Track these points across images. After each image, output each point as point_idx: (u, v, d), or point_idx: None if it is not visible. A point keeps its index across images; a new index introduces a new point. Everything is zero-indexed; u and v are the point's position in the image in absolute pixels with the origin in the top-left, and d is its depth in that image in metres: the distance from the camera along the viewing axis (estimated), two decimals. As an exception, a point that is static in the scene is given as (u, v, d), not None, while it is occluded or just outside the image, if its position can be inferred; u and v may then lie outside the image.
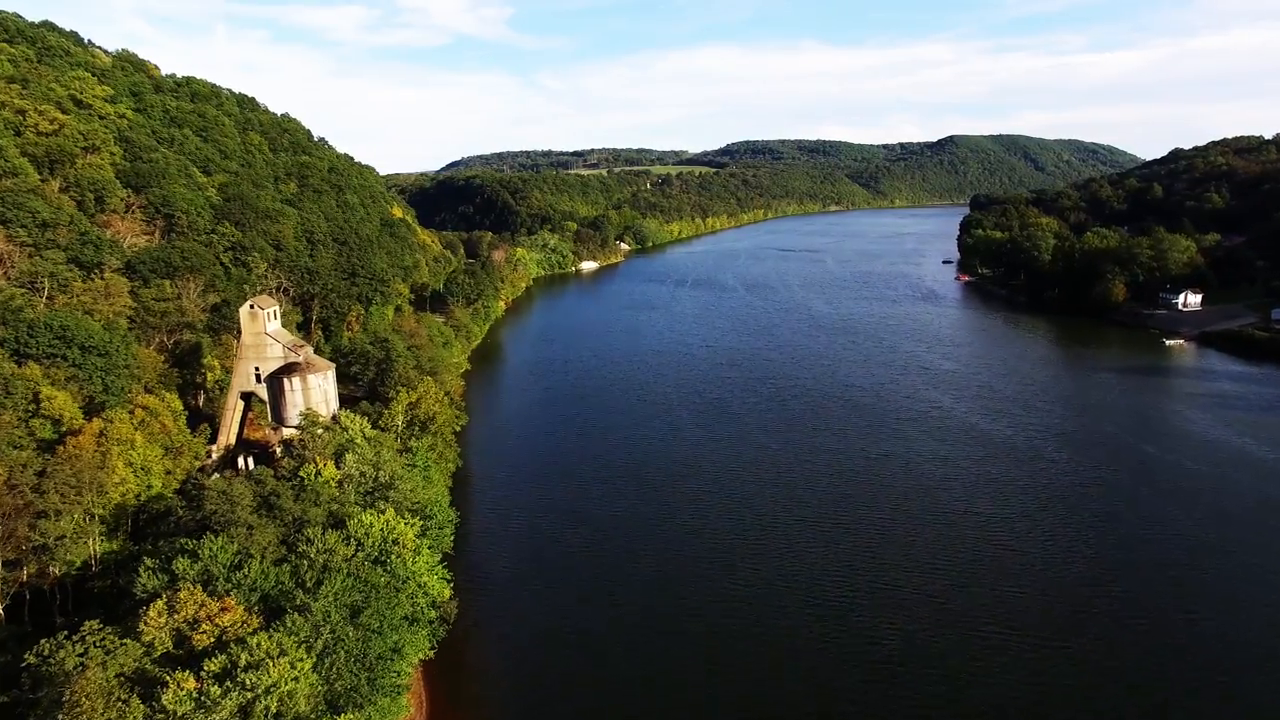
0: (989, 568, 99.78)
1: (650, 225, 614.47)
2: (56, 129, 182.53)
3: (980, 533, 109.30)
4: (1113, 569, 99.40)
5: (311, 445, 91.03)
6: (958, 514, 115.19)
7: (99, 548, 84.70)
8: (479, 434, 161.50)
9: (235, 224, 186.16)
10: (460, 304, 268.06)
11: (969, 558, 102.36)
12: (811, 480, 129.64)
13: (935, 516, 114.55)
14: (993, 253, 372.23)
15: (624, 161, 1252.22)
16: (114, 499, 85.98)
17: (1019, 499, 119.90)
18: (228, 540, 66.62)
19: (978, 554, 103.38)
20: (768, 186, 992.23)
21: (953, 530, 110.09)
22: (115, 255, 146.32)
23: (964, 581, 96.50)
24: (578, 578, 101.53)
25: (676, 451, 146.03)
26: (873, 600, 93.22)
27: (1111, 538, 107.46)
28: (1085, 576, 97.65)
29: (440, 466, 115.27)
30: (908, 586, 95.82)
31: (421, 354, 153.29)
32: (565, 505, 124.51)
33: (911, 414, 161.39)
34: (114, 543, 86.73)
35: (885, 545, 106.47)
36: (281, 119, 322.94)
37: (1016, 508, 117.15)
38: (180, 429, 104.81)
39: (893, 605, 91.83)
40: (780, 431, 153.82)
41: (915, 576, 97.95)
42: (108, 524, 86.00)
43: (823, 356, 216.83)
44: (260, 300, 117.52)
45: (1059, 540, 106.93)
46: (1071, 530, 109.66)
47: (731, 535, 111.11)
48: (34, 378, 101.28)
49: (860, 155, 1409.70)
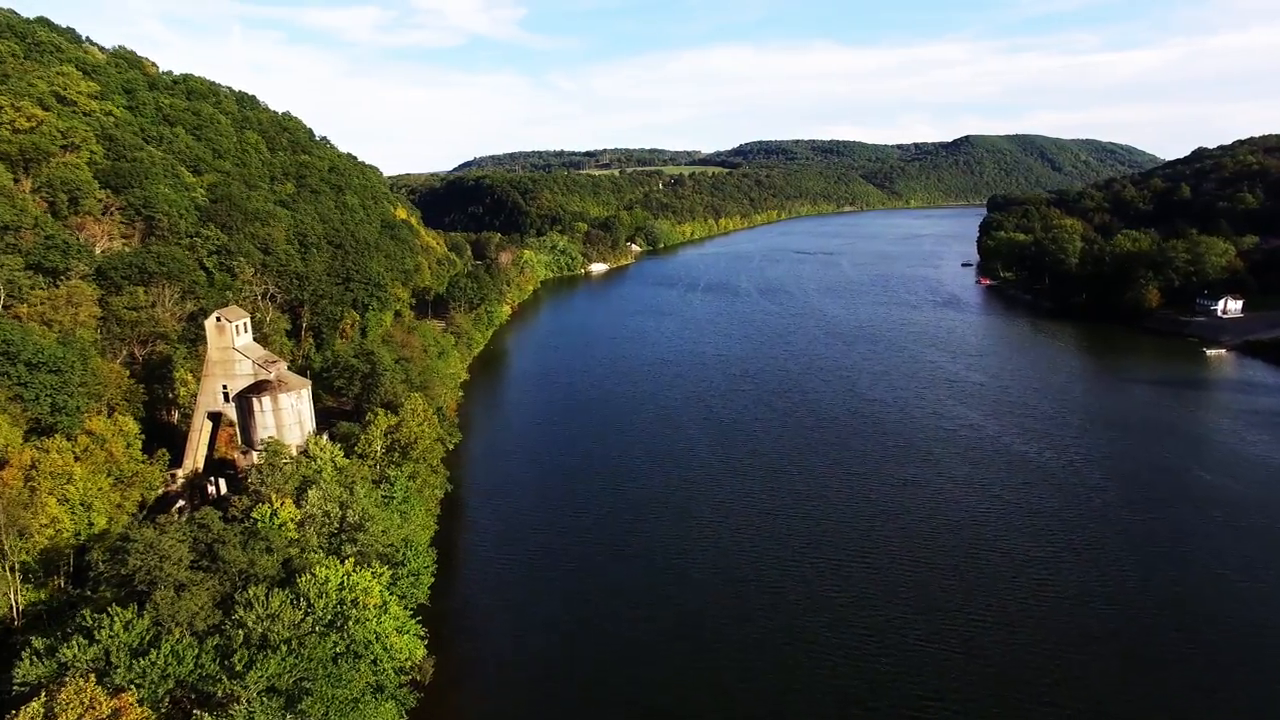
0: (1037, 621, 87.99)
1: (662, 226, 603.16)
2: (34, 126, 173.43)
3: (1026, 579, 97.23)
4: (1198, 629, 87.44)
5: (270, 480, 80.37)
6: (998, 554, 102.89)
7: (22, 599, 74.31)
8: (475, 452, 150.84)
9: (221, 226, 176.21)
10: (463, 309, 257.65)
11: (1014, 608, 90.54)
12: (835, 512, 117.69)
13: (973, 557, 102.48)
14: (1015, 255, 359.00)
15: (636, 161, 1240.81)
16: (40, 543, 75.57)
17: (1067, 536, 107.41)
18: (146, 610, 55.88)
19: (1024, 605, 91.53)
20: (781, 187, 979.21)
21: (995, 575, 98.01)
22: (84, 260, 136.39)
23: (1011, 638, 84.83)
24: (572, 621, 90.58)
25: (687, 476, 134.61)
26: (902, 654, 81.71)
27: (1190, 588, 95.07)
28: (1161, 642, 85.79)
29: (423, 497, 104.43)
30: (944, 637, 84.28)
31: (412, 367, 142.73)
32: (564, 538, 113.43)
33: (940, 433, 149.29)
34: (43, 591, 76.38)
35: (918, 589, 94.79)
36: (282, 117, 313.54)
37: (1063, 545, 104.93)
38: (132, 456, 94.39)
39: (926, 660, 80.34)
40: (799, 455, 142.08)
41: (952, 626, 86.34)
42: (34, 571, 75.63)
43: (841, 367, 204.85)
44: (228, 312, 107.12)
45: (1119, 587, 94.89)
46: (1134, 577, 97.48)
47: (749, 577, 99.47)
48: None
49: (874, 155, 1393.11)
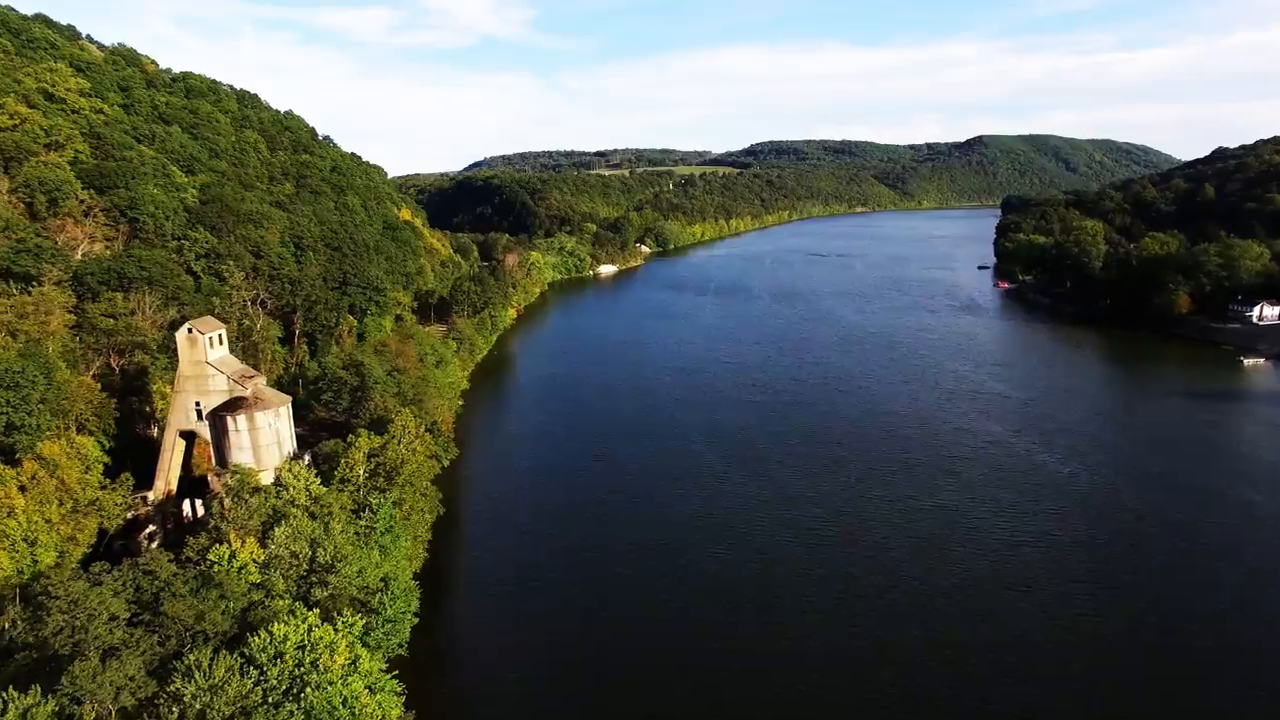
0: (1083, 668, 79.27)
1: (672, 227, 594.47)
2: (16, 124, 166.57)
3: (1067, 617, 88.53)
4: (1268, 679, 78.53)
5: (233, 514, 72.48)
6: (1044, 598, 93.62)
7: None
8: (473, 468, 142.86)
9: (211, 229, 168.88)
10: (466, 313, 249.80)
11: (1054, 652, 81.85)
12: (854, 541, 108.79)
13: (1013, 602, 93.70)
14: (1035, 258, 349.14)
15: (646, 162, 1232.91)
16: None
17: (1110, 569, 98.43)
18: (63, 681, 47.94)
19: (1064, 646, 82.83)
20: (792, 187, 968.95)
21: (1041, 621, 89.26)
22: (58, 265, 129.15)
23: (1049, 689, 76.16)
24: (571, 660, 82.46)
25: (698, 498, 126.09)
26: (926, 704, 73.21)
27: (1247, 624, 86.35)
28: (1219, 690, 76.96)
29: (410, 524, 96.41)
30: (969, 681, 75.68)
31: (405, 379, 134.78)
32: (563, 563, 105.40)
33: (965, 451, 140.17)
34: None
35: (949, 631, 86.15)
36: (284, 116, 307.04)
37: (1108, 580, 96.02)
38: (89, 482, 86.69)
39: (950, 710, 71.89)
40: (815, 475, 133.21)
41: (995, 683, 77.70)
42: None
43: (858, 377, 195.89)
44: (201, 323, 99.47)
45: (1170, 626, 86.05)
46: (1184, 612, 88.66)
47: (765, 620, 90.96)
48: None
49: (886, 156, 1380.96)
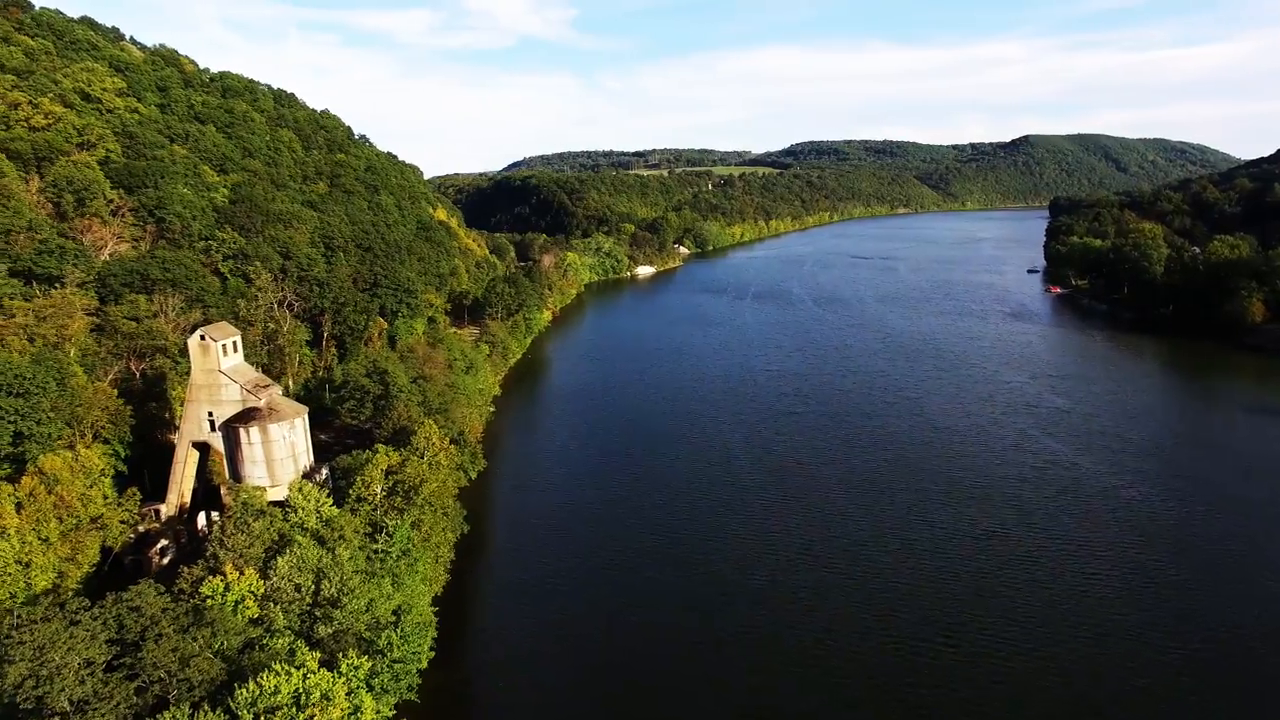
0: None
1: (711, 228, 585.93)
2: (50, 123, 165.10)
3: (1165, 687, 79.62)
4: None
5: (232, 542, 66.98)
6: (1121, 647, 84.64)
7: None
8: (502, 480, 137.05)
9: (239, 229, 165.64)
10: (500, 315, 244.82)
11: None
12: (909, 571, 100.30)
13: (1086, 654, 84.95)
14: (1089, 262, 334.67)
15: (685, 162, 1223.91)
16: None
17: (1214, 623, 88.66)
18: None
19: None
20: (833, 188, 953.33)
21: (1119, 680, 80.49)
22: (81, 266, 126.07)
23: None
24: (598, 694, 75.85)
25: (736, 515, 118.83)
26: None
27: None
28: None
29: (430, 545, 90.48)
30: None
31: (431, 387, 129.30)
32: (596, 583, 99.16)
33: (1026, 472, 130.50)
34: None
35: (1019, 685, 77.74)
36: (319, 115, 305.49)
37: (1203, 632, 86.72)
38: (92, 498, 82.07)
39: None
40: (860, 494, 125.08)
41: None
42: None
43: (905, 387, 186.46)
44: (214, 329, 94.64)
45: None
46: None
47: (809, 662, 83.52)
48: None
49: (929, 156, 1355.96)
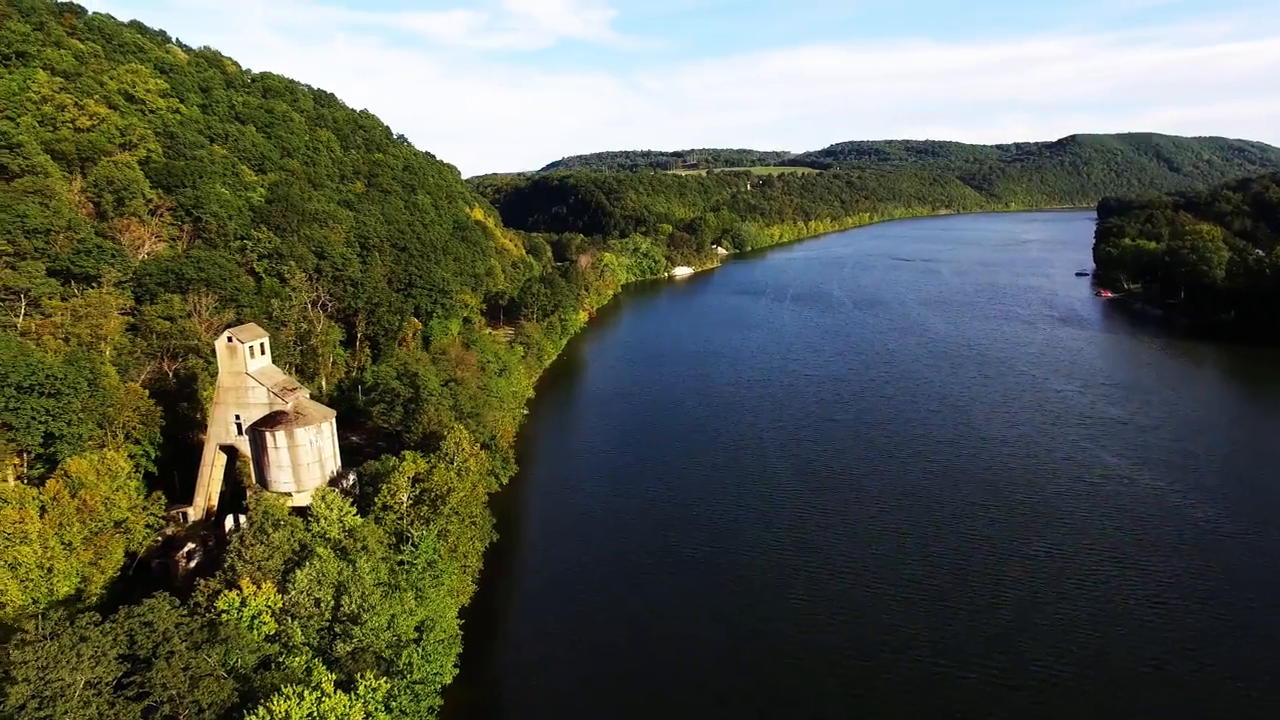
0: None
1: (749, 229, 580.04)
2: (94, 124, 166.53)
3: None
4: None
5: (250, 553, 64.86)
6: (1190, 692, 79.34)
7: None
8: (534, 486, 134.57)
9: (275, 228, 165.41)
10: (535, 316, 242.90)
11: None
12: (952, 599, 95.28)
13: (1154, 696, 79.50)
14: (1143, 265, 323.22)
15: (724, 162, 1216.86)
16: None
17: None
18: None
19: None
20: (874, 188, 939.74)
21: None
22: (118, 265, 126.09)
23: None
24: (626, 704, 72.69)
25: (775, 526, 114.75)
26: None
27: None
28: None
29: (457, 555, 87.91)
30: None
31: (463, 390, 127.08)
32: (628, 594, 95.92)
33: (1079, 487, 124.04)
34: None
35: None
36: (358, 115, 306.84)
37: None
38: (116, 502, 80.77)
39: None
40: (904, 505, 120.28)
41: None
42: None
43: (949, 394, 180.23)
44: (242, 331, 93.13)
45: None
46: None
47: (846, 692, 79.33)
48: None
49: (972, 156, 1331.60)
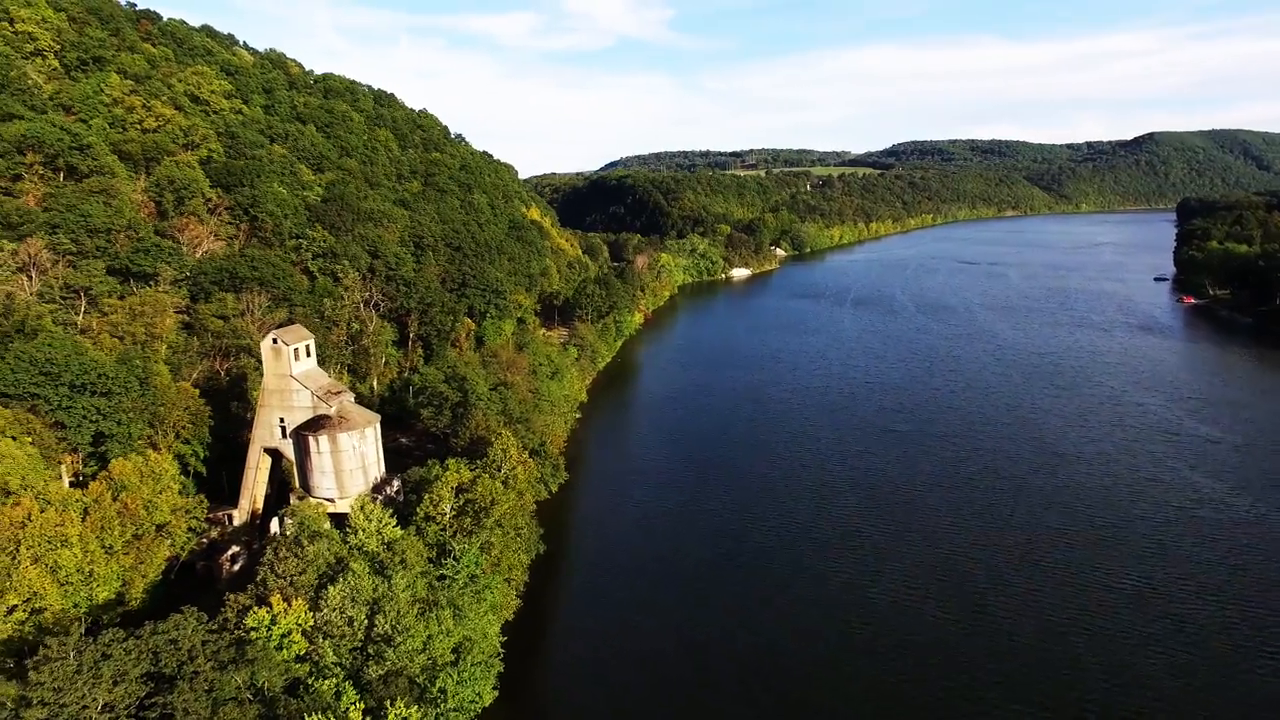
0: None
1: (809, 230, 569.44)
2: (160, 125, 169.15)
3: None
4: None
5: (282, 567, 62.30)
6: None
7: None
8: (585, 493, 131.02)
9: (329, 227, 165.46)
10: (590, 317, 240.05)
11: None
12: (1029, 629, 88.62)
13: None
14: (1232, 270, 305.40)
15: (783, 162, 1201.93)
16: (4, 630, 60.57)
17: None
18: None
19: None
20: (937, 189, 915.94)
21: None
22: (174, 264, 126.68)
23: None
24: None
25: (833, 547, 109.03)
26: None
27: None
28: None
29: (501, 569, 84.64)
30: None
31: (512, 394, 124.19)
32: (678, 609, 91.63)
33: (1168, 513, 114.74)
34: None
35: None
36: (417, 115, 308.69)
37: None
38: (159, 505, 79.44)
39: None
40: (972, 525, 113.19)
41: None
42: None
43: (1020, 405, 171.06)
44: (287, 333, 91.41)
45: None
46: None
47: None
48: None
49: (1040, 155, 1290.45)
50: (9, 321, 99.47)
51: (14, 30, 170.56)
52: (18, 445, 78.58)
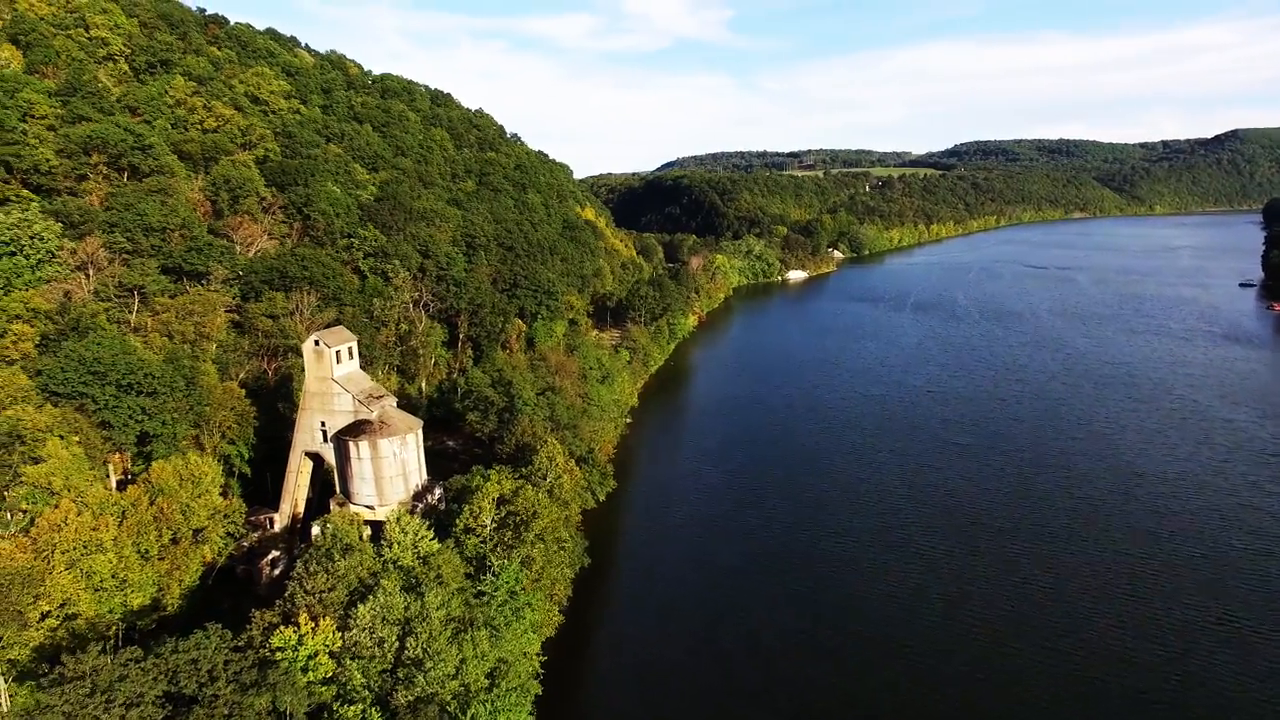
0: None
1: (868, 232, 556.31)
2: (220, 125, 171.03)
3: None
4: None
5: (311, 583, 59.68)
6: None
7: (15, 701, 58.20)
8: (633, 501, 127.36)
9: (381, 226, 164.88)
10: (643, 320, 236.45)
11: None
12: (1114, 669, 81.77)
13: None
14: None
15: (841, 163, 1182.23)
16: (35, 638, 59.16)
17: None
18: None
19: None
20: (1000, 190, 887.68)
21: None
22: (226, 263, 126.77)
23: None
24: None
25: (892, 569, 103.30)
26: None
27: None
28: None
29: (542, 584, 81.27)
30: None
31: (559, 400, 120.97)
32: (722, 631, 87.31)
33: (1269, 543, 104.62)
34: (26, 689, 59.57)
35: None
36: (473, 115, 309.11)
37: None
38: (196, 509, 77.96)
39: None
40: (1044, 551, 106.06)
41: None
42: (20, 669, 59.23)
43: (1093, 420, 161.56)
44: (329, 334, 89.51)
45: None
46: None
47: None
48: (38, 425, 78.62)
49: (1110, 155, 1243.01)
50: (64, 320, 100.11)
51: (89, 36, 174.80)
52: (64, 445, 78.09)
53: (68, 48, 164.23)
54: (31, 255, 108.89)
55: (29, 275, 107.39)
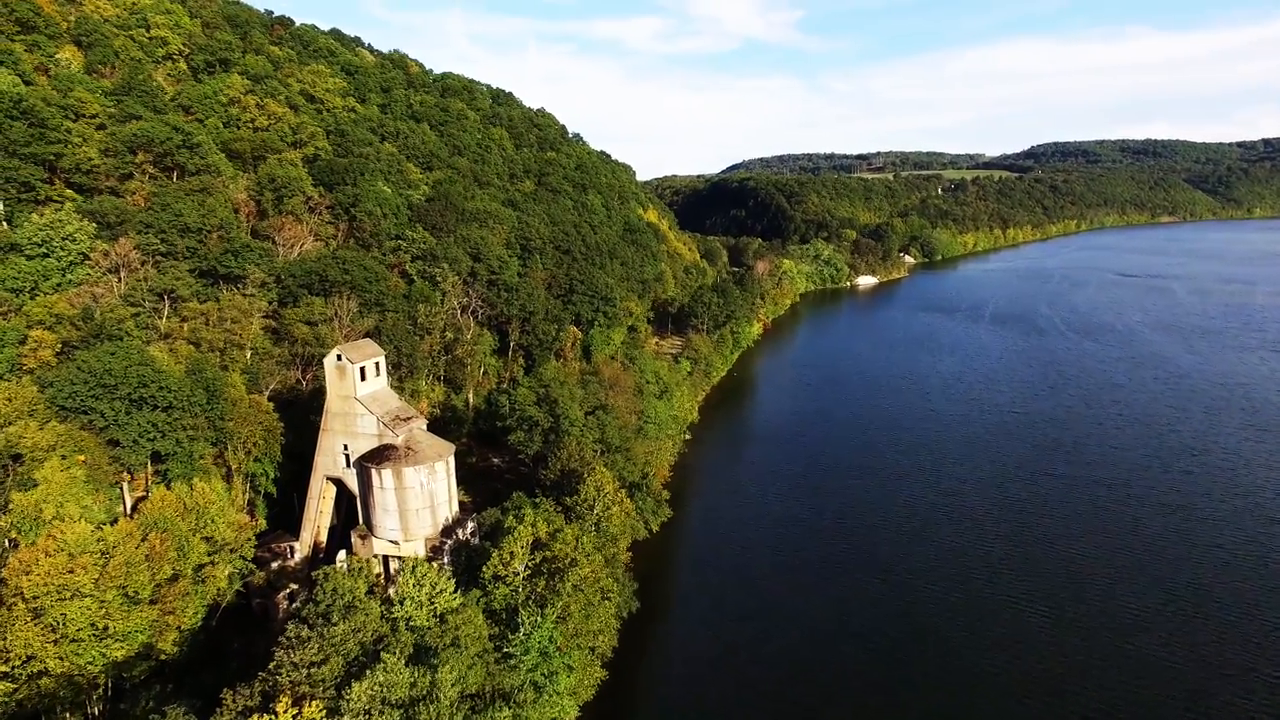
0: None
1: (941, 236, 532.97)
2: (271, 124, 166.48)
3: None
4: None
5: (299, 653, 50.30)
6: None
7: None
8: (689, 529, 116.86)
9: (431, 228, 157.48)
10: (705, 327, 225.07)
11: None
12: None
13: None
14: None
15: (912, 165, 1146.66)
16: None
17: None
18: None
19: None
20: (1081, 193, 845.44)
21: None
22: (263, 266, 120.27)
23: None
24: None
25: (979, 626, 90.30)
26: None
27: None
28: None
29: (580, 641, 70.99)
30: None
31: (611, 420, 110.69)
32: (785, 679, 75.65)
33: None
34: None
35: None
36: (534, 114, 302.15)
37: None
38: (195, 544, 69.90)
39: None
40: (1163, 606, 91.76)
41: None
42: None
43: (1207, 449, 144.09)
44: (353, 348, 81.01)
45: None
46: None
47: None
48: (39, 443, 71.90)
49: (1203, 156, 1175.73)
50: (87, 326, 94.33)
51: (148, 35, 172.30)
52: (64, 467, 71.21)
53: (127, 47, 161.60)
54: (63, 257, 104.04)
55: (58, 278, 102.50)
